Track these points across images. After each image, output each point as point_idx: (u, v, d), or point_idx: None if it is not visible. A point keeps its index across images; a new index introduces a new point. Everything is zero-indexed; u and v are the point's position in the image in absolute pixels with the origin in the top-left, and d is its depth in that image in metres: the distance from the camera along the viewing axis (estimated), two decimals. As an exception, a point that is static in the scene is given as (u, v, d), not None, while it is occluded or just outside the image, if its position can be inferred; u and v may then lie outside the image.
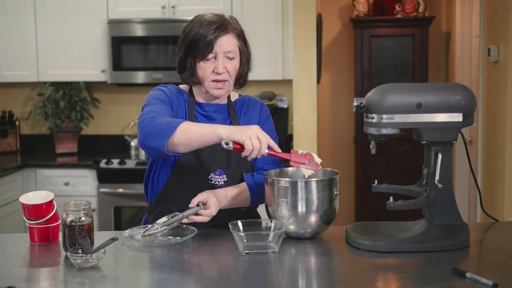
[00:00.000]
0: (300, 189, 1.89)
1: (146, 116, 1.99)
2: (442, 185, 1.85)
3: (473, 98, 1.87)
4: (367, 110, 1.89)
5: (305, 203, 1.89)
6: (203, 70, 2.10)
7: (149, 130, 1.94)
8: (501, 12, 3.50)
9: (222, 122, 2.18)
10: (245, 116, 2.23)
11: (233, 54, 2.10)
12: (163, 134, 1.90)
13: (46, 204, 1.97)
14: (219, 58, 2.08)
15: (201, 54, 2.08)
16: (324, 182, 1.91)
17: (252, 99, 2.28)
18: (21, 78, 4.73)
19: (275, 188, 1.92)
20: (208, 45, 2.06)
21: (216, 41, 2.06)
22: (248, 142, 1.84)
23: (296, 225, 1.91)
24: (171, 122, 1.92)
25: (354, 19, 5.43)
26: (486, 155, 3.83)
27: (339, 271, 1.73)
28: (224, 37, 2.08)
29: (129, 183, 4.41)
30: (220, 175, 2.12)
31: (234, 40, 2.11)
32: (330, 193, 1.92)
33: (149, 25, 4.55)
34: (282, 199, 1.90)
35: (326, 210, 1.92)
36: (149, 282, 1.64)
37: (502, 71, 3.48)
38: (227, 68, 2.10)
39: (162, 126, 1.92)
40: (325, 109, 5.70)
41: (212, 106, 2.19)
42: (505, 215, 3.38)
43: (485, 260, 1.84)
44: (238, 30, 2.13)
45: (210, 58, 2.08)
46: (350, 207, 5.66)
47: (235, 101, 2.25)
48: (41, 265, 1.80)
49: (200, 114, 2.18)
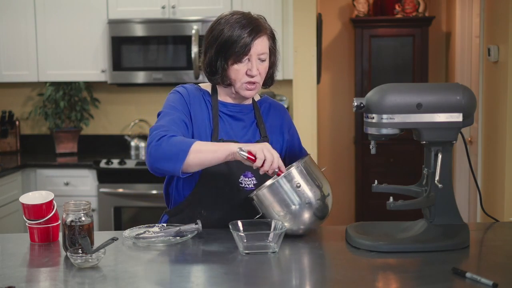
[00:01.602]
0: (283, 185, 1.88)
1: (153, 138, 1.93)
2: (442, 185, 1.85)
3: (473, 98, 1.87)
4: (367, 110, 1.89)
5: (294, 195, 1.88)
6: (236, 72, 2.06)
7: (160, 153, 1.90)
8: (501, 12, 3.50)
9: (249, 122, 2.16)
10: (269, 119, 2.20)
11: (265, 56, 2.08)
12: (176, 158, 1.88)
13: (46, 204, 1.97)
14: (253, 60, 2.05)
15: (236, 56, 2.04)
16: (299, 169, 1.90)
17: (275, 102, 2.28)
18: (21, 78, 4.73)
19: (263, 199, 1.92)
20: (245, 47, 2.03)
21: (252, 44, 2.04)
22: (259, 152, 1.85)
23: (292, 216, 1.90)
24: (181, 144, 1.89)
25: (354, 19, 5.44)
26: (486, 155, 3.83)
27: (339, 271, 1.72)
28: (259, 39, 2.06)
29: (129, 183, 4.41)
30: (250, 177, 2.09)
31: (266, 42, 2.09)
32: (312, 174, 1.92)
33: (149, 25, 4.55)
34: (273, 204, 1.90)
35: (316, 192, 1.90)
36: (149, 282, 1.64)
37: (502, 71, 3.48)
38: (260, 70, 2.08)
39: (173, 149, 1.89)
40: (325, 109, 5.70)
41: (238, 106, 2.16)
42: (505, 215, 3.38)
43: (485, 260, 1.84)
44: (270, 30, 2.12)
45: (244, 60, 2.05)
46: (350, 207, 5.66)
47: (258, 102, 2.23)
48: (41, 265, 1.80)
49: (225, 114, 2.14)
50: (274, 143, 2.17)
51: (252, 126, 2.16)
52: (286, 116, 2.26)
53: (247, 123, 2.16)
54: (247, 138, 2.13)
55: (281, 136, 2.21)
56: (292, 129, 2.27)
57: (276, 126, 2.21)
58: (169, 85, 4.40)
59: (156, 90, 4.86)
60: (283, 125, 2.22)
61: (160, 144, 1.90)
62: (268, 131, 2.18)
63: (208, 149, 1.89)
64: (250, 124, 2.16)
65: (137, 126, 4.93)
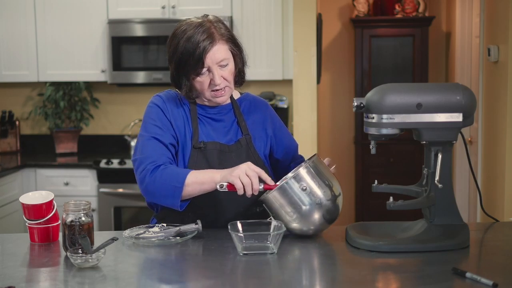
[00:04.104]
0: (292, 186, 1.88)
1: (144, 175, 2.01)
2: (442, 185, 1.85)
3: (473, 98, 1.87)
4: (367, 110, 1.89)
5: (304, 195, 1.88)
6: (200, 84, 2.06)
7: (156, 190, 1.98)
8: (501, 12, 3.50)
9: (229, 122, 2.16)
10: (251, 116, 2.20)
11: (226, 61, 2.04)
12: (173, 195, 1.96)
13: (46, 204, 1.97)
14: (213, 70, 2.02)
15: (193, 71, 2.03)
16: (308, 169, 1.90)
17: (256, 98, 2.27)
18: (21, 78, 4.73)
19: (272, 202, 1.91)
20: (198, 61, 2.01)
21: (206, 56, 2.00)
22: (237, 181, 1.88)
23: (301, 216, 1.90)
24: (174, 180, 1.95)
25: (354, 19, 5.44)
26: (486, 155, 3.83)
27: (339, 271, 1.73)
28: (213, 48, 2.01)
29: (129, 183, 4.40)
30: None
31: (224, 47, 2.04)
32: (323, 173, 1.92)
33: (149, 25, 4.55)
34: (283, 205, 1.90)
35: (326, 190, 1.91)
36: (149, 282, 1.64)
37: (502, 71, 3.48)
38: (224, 76, 2.05)
39: (168, 185, 1.96)
40: (325, 109, 5.70)
41: (216, 108, 2.16)
42: (505, 215, 3.38)
43: (485, 260, 1.84)
44: (225, 35, 2.06)
45: (204, 72, 2.03)
46: (350, 207, 5.66)
47: (238, 99, 2.22)
48: (41, 265, 1.80)
49: (204, 117, 2.14)
50: (257, 139, 2.18)
51: (233, 125, 2.16)
52: (269, 111, 2.25)
53: (228, 123, 2.16)
54: (229, 137, 2.14)
55: (264, 132, 2.20)
56: (277, 123, 2.24)
57: (258, 122, 2.20)
58: (169, 85, 4.39)
59: (156, 90, 4.81)
60: (265, 121, 2.22)
61: (154, 180, 1.98)
62: (250, 128, 2.17)
63: (198, 182, 1.95)
64: (230, 124, 2.16)
65: (137, 126, 4.93)
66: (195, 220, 1.99)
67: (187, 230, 1.98)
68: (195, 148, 2.08)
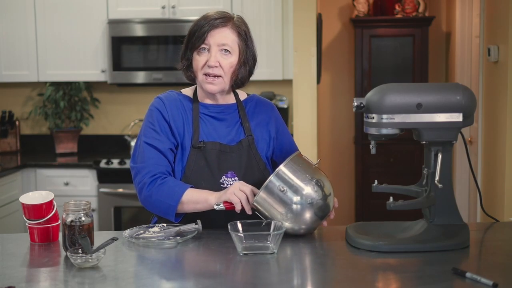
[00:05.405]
0: (276, 182, 1.89)
1: (141, 186, 2.07)
2: (442, 185, 1.85)
3: (473, 98, 1.87)
4: (367, 110, 1.89)
5: (290, 191, 1.89)
6: (196, 62, 2.09)
7: (152, 205, 2.05)
8: (501, 12, 3.50)
9: (233, 122, 2.15)
10: (255, 117, 2.20)
11: (229, 48, 2.07)
12: (167, 212, 2.02)
13: (46, 204, 1.97)
14: (212, 51, 2.06)
15: (195, 44, 2.08)
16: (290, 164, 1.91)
17: (262, 100, 2.27)
18: (21, 78, 4.73)
19: (263, 203, 1.92)
20: (202, 35, 2.06)
21: (209, 32, 2.06)
22: (232, 197, 1.93)
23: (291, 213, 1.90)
24: (169, 198, 2.01)
25: (354, 19, 5.44)
26: (486, 155, 3.83)
27: (339, 271, 1.72)
28: (220, 29, 2.07)
29: (129, 183, 4.39)
30: (232, 177, 2.09)
31: (232, 36, 2.08)
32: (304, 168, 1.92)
33: (149, 25, 4.55)
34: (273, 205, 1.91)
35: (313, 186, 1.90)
36: (149, 282, 1.64)
37: (502, 71, 3.48)
38: (221, 63, 2.07)
39: (163, 202, 2.02)
40: (325, 109, 5.70)
41: (220, 107, 2.15)
42: (505, 215, 3.38)
43: (485, 260, 1.84)
44: (240, 29, 2.10)
45: (204, 50, 2.08)
46: (350, 207, 5.66)
47: (244, 101, 2.22)
48: (41, 265, 1.80)
49: (206, 116, 2.14)
50: (260, 141, 2.18)
51: (236, 125, 2.16)
52: (274, 113, 2.25)
53: (231, 123, 2.16)
54: (231, 137, 2.13)
55: (267, 133, 2.20)
56: (280, 126, 2.25)
57: (262, 124, 2.20)
58: (169, 85, 4.40)
59: (156, 90, 4.84)
60: (269, 122, 2.22)
61: (150, 195, 2.04)
62: (253, 129, 2.17)
63: (194, 201, 2.00)
64: (234, 124, 2.16)
65: (137, 126, 4.93)
66: (195, 220, 1.99)
67: (187, 230, 1.98)
68: (194, 148, 2.08)
